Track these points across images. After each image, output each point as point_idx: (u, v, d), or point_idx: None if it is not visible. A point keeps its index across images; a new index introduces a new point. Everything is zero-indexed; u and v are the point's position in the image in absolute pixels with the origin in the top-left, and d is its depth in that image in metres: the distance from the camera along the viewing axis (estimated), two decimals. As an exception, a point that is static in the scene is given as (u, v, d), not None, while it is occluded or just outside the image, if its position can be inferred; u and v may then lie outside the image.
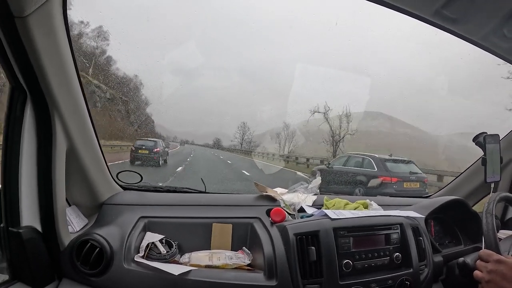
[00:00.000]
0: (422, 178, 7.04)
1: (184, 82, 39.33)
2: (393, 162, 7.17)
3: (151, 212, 1.27)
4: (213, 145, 31.59)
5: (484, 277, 0.99)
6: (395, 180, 6.60)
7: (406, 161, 7.35)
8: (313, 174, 6.08)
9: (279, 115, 20.70)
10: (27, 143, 0.95)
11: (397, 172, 6.81)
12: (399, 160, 7.38)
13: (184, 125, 33.30)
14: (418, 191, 6.71)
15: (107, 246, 1.08)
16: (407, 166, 7.14)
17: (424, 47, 8.69)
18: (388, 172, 6.75)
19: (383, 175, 6.68)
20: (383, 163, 6.97)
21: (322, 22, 27.46)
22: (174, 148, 22.63)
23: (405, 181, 6.68)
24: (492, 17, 1.05)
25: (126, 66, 20.96)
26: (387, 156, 7.43)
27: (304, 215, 1.33)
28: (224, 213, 1.31)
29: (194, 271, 1.08)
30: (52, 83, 0.92)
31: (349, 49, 24.27)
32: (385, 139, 19.88)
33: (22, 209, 0.95)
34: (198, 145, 31.71)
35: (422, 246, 1.29)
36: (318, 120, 19.73)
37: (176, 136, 29.22)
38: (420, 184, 6.81)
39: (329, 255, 1.12)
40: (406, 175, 6.80)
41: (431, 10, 1.03)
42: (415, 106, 25.23)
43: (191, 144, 31.26)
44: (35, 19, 0.81)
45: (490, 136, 1.37)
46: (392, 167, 6.98)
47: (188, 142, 31.50)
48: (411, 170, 6.98)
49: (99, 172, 1.23)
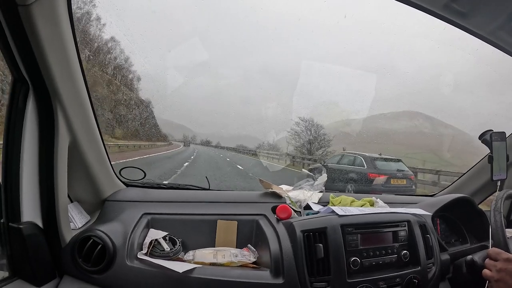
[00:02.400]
0: (409, 175, 7.46)
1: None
2: (382, 160, 7.65)
3: (154, 208, 1.25)
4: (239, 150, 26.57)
5: (494, 276, 0.99)
6: (382, 177, 7.04)
7: (394, 159, 7.80)
8: (310, 172, 6.58)
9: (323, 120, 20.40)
10: (28, 137, 0.93)
11: (385, 170, 7.26)
12: (388, 158, 7.84)
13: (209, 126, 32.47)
14: (405, 187, 7.16)
15: (109, 242, 1.06)
16: (395, 164, 7.57)
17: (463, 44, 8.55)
18: (377, 169, 7.24)
19: (372, 172, 7.15)
20: (373, 161, 7.43)
21: (339, 19, 27.38)
22: (170, 150, 19.82)
23: (392, 178, 7.10)
24: (501, 11, 1.04)
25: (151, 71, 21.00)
26: (377, 155, 7.88)
27: (310, 212, 1.32)
28: (228, 210, 1.30)
29: (198, 268, 1.06)
30: (55, 75, 0.90)
31: (374, 48, 24.22)
32: (427, 140, 19.25)
33: (23, 204, 0.93)
34: (211, 147, 29.23)
35: (430, 243, 1.27)
36: (353, 121, 19.51)
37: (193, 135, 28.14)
38: (407, 180, 7.23)
39: (337, 252, 1.10)
40: (393, 172, 7.21)
41: (441, 4, 1.02)
42: (453, 105, 24.91)
43: (206, 145, 29.01)
44: (38, 7, 0.79)
45: (496, 134, 1.36)
46: (381, 165, 7.46)
47: (194, 141, 29.44)
48: (398, 168, 7.39)
49: (102, 168, 1.21)
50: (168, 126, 19.53)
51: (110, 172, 1.28)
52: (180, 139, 27.30)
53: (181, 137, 27.44)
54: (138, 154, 11.60)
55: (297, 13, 16.19)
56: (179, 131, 26.86)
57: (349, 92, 20.19)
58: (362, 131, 14.80)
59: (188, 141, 27.97)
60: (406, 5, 1.07)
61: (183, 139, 27.79)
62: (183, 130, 28.67)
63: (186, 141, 27.86)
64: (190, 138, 28.94)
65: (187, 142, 27.67)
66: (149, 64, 14.25)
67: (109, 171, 1.28)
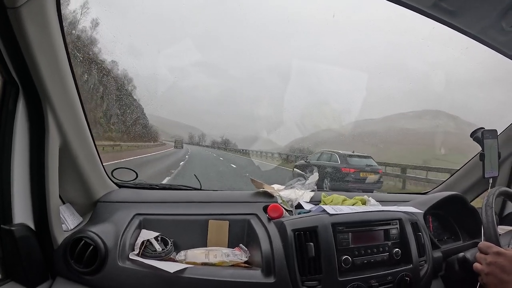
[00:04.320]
0: (377, 169, 8.66)
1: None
2: (353, 157, 8.84)
3: (146, 209, 1.25)
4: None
5: (484, 269, 0.99)
6: (353, 171, 8.28)
7: (365, 156, 9.05)
8: (296, 169, 8.54)
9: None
10: (19, 139, 0.93)
11: (356, 165, 8.48)
12: (359, 155, 9.10)
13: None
14: (373, 179, 8.40)
15: (101, 243, 1.06)
16: (366, 160, 8.79)
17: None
18: (349, 164, 8.44)
19: (344, 167, 8.35)
20: (345, 158, 8.64)
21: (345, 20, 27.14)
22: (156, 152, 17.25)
23: (362, 171, 8.36)
24: (490, 10, 1.05)
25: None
26: (350, 152, 9.09)
27: (301, 211, 1.32)
28: (220, 210, 1.30)
29: (190, 268, 1.06)
30: (45, 76, 0.90)
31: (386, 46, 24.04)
32: (454, 141, 18.86)
33: (15, 206, 0.93)
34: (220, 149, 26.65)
35: (422, 241, 1.28)
36: (370, 121, 19.21)
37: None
38: (375, 174, 8.45)
39: (328, 251, 1.10)
40: (362, 167, 8.46)
41: (429, 2, 1.03)
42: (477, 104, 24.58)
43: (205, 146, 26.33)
44: (28, 10, 0.79)
45: (488, 131, 1.36)
46: (352, 161, 8.65)
47: (194, 141, 26.97)
48: (367, 163, 8.61)
49: (93, 169, 1.22)
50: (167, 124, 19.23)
51: (102, 173, 1.29)
52: (173, 138, 24.63)
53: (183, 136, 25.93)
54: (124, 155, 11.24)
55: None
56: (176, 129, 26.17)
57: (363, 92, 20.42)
58: (378, 131, 14.69)
59: (179, 141, 24.30)
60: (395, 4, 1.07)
61: (174, 139, 24.45)
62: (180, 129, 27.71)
63: (178, 141, 24.17)
64: (197, 136, 27.16)
65: (178, 142, 23.81)
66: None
67: (101, 172, 1.28)
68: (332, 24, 32.26)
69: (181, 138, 26.05)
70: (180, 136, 26.38)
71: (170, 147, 21.80)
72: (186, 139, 28.48)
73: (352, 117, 20.20)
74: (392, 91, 12.99)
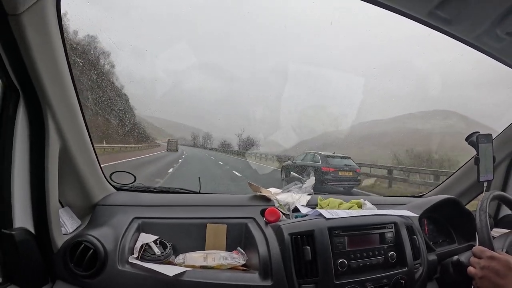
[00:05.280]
0: (354, 168, 9.54)
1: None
2: (333, 157, 9.78)
3: (145, 213, 1.26)
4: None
5: (478, 273, 1.01)
6: (332, 170, 9.11)
7: (344, 157, 9.99)
8: (285, 169, 10.35)
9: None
10: (19, 143, 0.94)
11: (335, 165, 9.36)
12: (339, 156, 10.07)
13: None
14: (350, 177, 9.34)
15: (100, 247, 1.07)
16: (345, 160, 9.69)
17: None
18: (328, 164, 9.30)
19: (325, 166, 9.20)
20: (325, 158, 9.57)
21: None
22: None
23: (340, 171, 9.23)
24: (485, 17, 1.06)
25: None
26: (330, 153, 10.09)
27: (298, 215, 1.33)
28: (218, 214, 1.31)
29: (188, 272, 1.07)
30: (45, 82, 0.91)
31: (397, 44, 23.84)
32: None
33: (15, 211, 0.94)
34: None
35: (417, 244, 1.29)
36: (379, 122, 19.02)
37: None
38: (353, 173, 9.34)
39: (324, 254, 1.12)
40: (341, 166, 9.33)
41: (425, 11, 1.04)
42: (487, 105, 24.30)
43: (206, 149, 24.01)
44: (28, 17, 0.80)
45: (483, 136, 1.38)
46: (332, 161, 9.54)
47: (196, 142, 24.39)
48: (345, 163, 9.49)
49: (92, 173, 1.22)
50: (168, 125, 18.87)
51: (100, 176, 1.29)
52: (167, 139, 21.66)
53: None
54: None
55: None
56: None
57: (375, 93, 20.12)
58: (388, 132, 14.54)
59: (174, 142, 21.26)
60: (391, 12, 1.09)
61: (167, 140, 21.61)
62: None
63: (172, 142, 21.13)
64: (201, 137, 25.36)
65: (172, 143, 21.06)
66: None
67: (100, 176, 1.29)
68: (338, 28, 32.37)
69: (176, 139, 23.19)
70: (174, 137, 23.01)
71: (163, 149, 20.09)
72: (189, 141, 26.66)
73: (359, 118, 20.16)
74: (398, 92, 13.00)
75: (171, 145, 20.73)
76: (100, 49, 16.98)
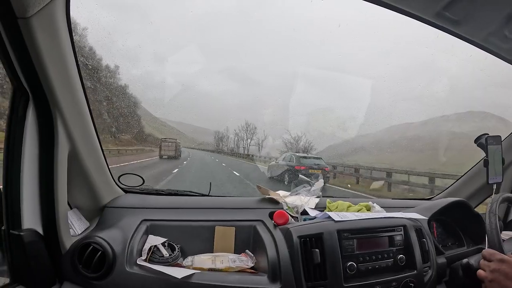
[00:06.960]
0: (324, 166, 10.76)
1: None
2: (306, 158, 11.49)
3: (153, 215, 1.26)
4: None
5: (487, 276, 0.99)
6: (303, 168, 10.27)
7: (316, 157, 11.88)
8: (269, 167, 12.05)
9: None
10: (29, 145, 0.95)
11: (306, 164, 10.69)
12: (311, 156, 12.22)
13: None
14: (319, 174, 9.64)
15: (109, 249, 1.07)
16: (316, 160, 11.23)
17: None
18: (300, 163, 10.58)
19: (297, 165, 10.43)
20: (298, 158, 11.04)
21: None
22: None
23: (310, 169, 10.40)
24: (493, 18, 1.06)
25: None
26: (305, 154, 12.28)
27: (307, 218, 1.33)
28: (226, 216, 1.31)
29: (197, 274, 1.07)
30: (54, 84, 0.92)
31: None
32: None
33: (24, 212, 0.94)
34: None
35: (426, 247, 1.28)
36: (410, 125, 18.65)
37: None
38: (322, 171, 10.30)
39: (333, 257, 1.11)
40: (312, 165, 10.66)
41: (433, 12, 1.04)
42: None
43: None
44: (38, 20, 0.81)
45: (492, 138, 1.37)
46: (304, 160, 11.01)
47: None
48: (315, 163, 10.89)
49: (101, 175, 1.23)
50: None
51: (109, 178, 1.30)
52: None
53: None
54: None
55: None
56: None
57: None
58: (420, 135, 14.17)
59: (170, 145, 16.69)
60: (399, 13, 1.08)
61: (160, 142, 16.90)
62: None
63: (167, 144, 16.36)
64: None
65: (168, 145, 16.62)
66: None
67: (108, 178, 1.29)
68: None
69: (174, 139, 17.89)
70: (173, 138, 18.69)
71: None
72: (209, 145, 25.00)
73: (390, 121, 19.89)
74: (427, 92, 12.75)
75: (166, 149, 15.87)
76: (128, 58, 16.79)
